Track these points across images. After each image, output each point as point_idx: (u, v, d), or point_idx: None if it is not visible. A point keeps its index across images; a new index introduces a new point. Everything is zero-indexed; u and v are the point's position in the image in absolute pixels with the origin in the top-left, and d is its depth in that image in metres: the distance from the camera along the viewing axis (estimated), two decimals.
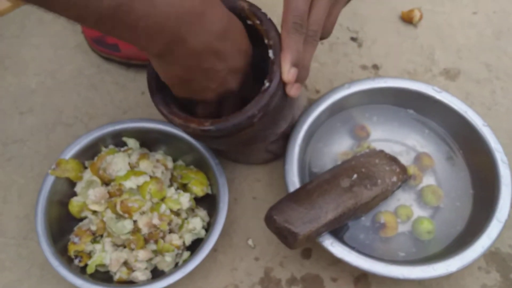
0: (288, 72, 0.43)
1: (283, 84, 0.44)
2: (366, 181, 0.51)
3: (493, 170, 0.53)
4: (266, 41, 0.44)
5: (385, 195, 0.53)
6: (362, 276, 0.55)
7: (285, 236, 0.47)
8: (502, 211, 0.50)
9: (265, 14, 0.45)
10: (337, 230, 0.53)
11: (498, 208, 0.50)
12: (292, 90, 0.44)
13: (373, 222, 0.54)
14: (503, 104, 0.66)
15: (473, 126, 0.56)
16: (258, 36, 0.45)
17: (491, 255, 0.56)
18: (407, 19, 0.72)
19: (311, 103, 0.58)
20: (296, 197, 0.50)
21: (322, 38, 0.46)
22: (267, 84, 0.43)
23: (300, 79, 0.45)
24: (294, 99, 0.50)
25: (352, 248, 0.49)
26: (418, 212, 0.55)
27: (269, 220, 0.48)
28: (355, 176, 0.51)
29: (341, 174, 0.52)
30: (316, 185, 0.51)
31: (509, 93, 0.67)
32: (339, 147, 0.59)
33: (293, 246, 0.48)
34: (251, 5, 0.45)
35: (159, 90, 0.47)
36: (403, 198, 0.56)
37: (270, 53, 0.44)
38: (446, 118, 0.59)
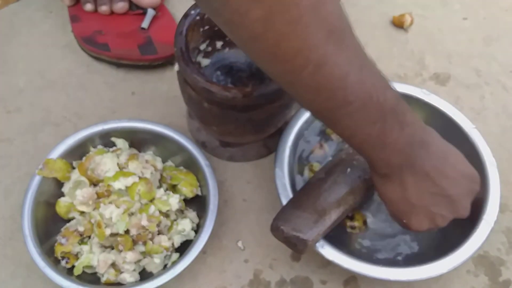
0: None
1: None
2: (360, 173, 0.51)
3: (482, 172, 0.53)
4: None
5: None
6: (351, 278, 0.55)
7: (295, 244, 0.47)
8: (491, 214, 0.51)
9: None
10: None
11: (487, 211, 0.51)
12: None
13: None
14: (492, 109, 0.66)
15: (462, 128, 0.56)
16: None
17: (480, 259, 0.56)
18: (398, 24, 0.73)
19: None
20: (298, 203, 0.49)
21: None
22: None
23: None
24: None
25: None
26: None
27: (276, 231, 0.48)
28: (348, 170, 0.51)
29: (335, 170, 0.51)
30: (314, 186, 0.50)
31: (498, 98, 0.67)
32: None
33: (303, 252, 0.48)
34: None
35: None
36: None
37: None
38: (434, 121, 0.59)
